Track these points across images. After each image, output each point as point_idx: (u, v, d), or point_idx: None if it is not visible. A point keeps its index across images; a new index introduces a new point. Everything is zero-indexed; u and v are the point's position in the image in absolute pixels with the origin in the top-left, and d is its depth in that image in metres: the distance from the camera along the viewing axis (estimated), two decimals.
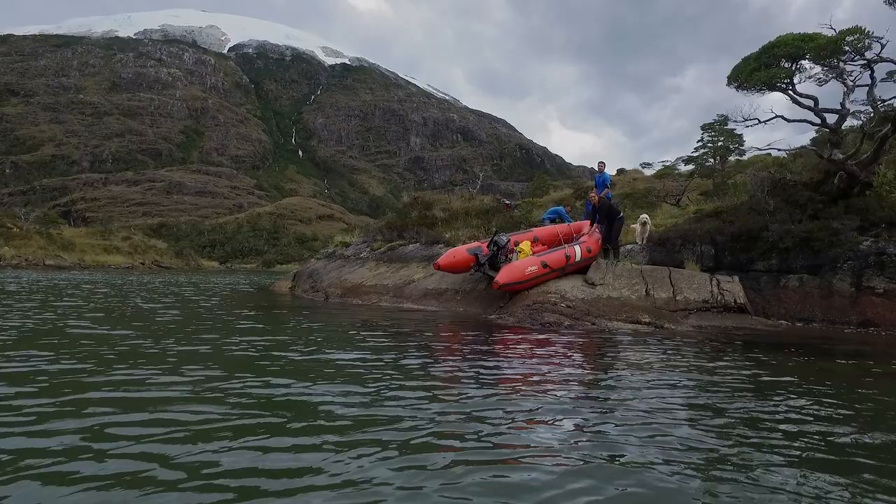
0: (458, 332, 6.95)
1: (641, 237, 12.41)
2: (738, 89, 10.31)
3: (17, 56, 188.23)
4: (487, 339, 6.41)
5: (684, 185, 27.41)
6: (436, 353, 5.36)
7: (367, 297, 12.33)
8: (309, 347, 5.63)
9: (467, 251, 11.23)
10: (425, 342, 6.14)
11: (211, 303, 11.74)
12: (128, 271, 42.79)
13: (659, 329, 7.85)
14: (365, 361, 4.93)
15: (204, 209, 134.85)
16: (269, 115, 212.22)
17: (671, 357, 5.58)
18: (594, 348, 6.02)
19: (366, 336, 6.54)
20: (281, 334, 6.62)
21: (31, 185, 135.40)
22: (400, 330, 7.22)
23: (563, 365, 4.98)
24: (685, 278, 9.85)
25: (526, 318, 8.15)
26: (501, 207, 18.20)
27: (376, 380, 4.17)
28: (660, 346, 6.35)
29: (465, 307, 10.61)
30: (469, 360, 4.94)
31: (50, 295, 12.52)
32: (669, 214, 16.75)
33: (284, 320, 8.40)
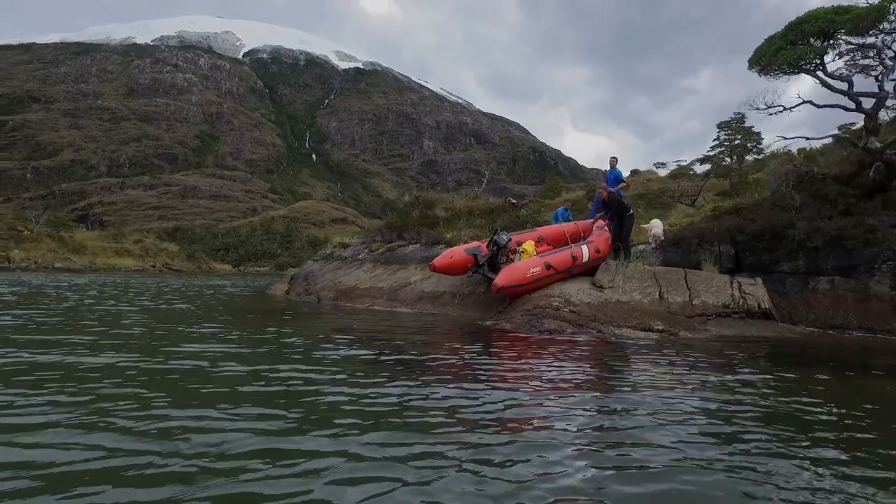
0: (443, 343, 6.13)
1: (655, 241, 11.43)
2: (761, 73, 9.40)
3: (39, 64, 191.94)
4: (474, 351, 5.58)
5: (700, 185, 26.35)
6: (399, 373, 4.56)
7: (361, 301, 11.60)
8: (244, 366, 4.87)
9: (465, 251, 10.45)
10: (397, 355, 5.34)
11: (189, 306, 11.08)
12: (136, 274, 42.67)
13: (673, 337, 6.99)
14: (289, 386, 4.16)
15: (218, 213, 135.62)
16: (283, 120, 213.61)
17: (685, 374, 4.73)
18: (598, 363, 5.18)
19: (329, 347, 5.76)
20: (239, 344, 5.88)
21: (50, 190, 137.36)
22: (375, 338, 6.44)
23: (559, 386, 4.17)
24: (702, 281, 8.95)
25: (525, 324, 7.33)
26: (507, 207, 17.40)
27: (294, 406, 3.40)
28: (673, 358, 5.49)
29: (462, 311, 9.82)
30: (441, 385, 4.13)
31: (21, 299, 11.97)
32: (684, 214, 15.80)
33: (254, 327, 7.68)
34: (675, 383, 4.29)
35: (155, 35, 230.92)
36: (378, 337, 6.54)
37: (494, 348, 5.75)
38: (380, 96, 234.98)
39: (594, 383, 4.25)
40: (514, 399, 3.62)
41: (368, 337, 6.52)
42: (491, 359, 5.10)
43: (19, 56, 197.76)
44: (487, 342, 6.19)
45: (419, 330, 7.40)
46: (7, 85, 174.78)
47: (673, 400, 3.72)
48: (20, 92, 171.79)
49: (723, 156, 33.29)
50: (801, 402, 3.80)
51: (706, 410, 3.51)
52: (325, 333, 6.79)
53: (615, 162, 13.33)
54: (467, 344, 6.01)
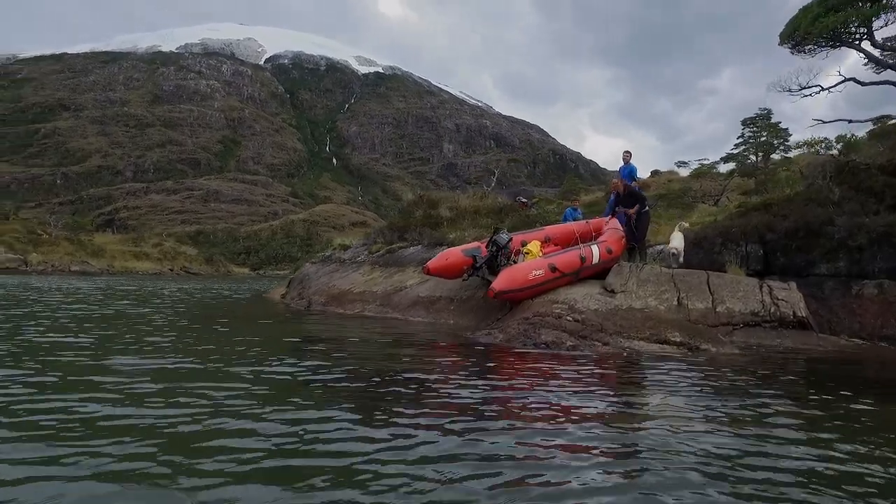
0: (411, 361, 5.18)
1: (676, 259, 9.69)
2: (795, 50, 8.29)
3: (69, 73, 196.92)
4: (442, 373, 4.56)
5: (724, 184, 24.95)
6: (325, 399, 3.66)
7: (352, 306, 10.76)
8: (153, 384, 4.04)
9: (463, 253, 9.54)
10: (342, 376, 4.45)
11: (164, 313, 10.37)
12: (153, 277, 42.69)
13: (693, 351, 5.97)
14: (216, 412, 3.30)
15: (240, 217, 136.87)
16: (303, 124, 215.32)
17: (707, 402, 3.75)
18: (599, 388, 4.19)
19: (276, 362, 4.90)
20: (177, 356, 5.06)
21: (78, 195, 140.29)
22: (339, 350, 5.57)
23: (541, 417, 3.24)
24: (728, 285, 7.89)
25: (519, 335, 6.38)
26: (517, 206, 16.43)
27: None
28: (692, 379, 4.50)
29: (457, 319, 8.91)
30: (365, 425, 3.21)
31: (11, 302, 11.43)
32: (707, 213, 14.64)
33: (214, 337, 6.88)
34: (691, 420, 3.32)
35: (179, 43, 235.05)
36: (344, 349, 5.69)
37: (469, 369, 4.80)
38: (400, 100, 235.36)
39: (588, 420, 3.30)
40: (473, 453, 2.70)
41: (332, 349, 5.67)
42: (454, 385, 4.11)
43: (52, 66, 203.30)
44: (466, 360, 5.26)
45: (395, 342, 6.53)
46: (40, 94, 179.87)
47: (689, 449, 2.77)
48: (52, 100, 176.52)
49: (747, 153, 31.78)
50: (849, 450, 2.81)
51: (730, 462, 2.55)
52: (289, 344, 5.96)
53: (629, 157, 12.26)
54: (441, 361, 5.10)
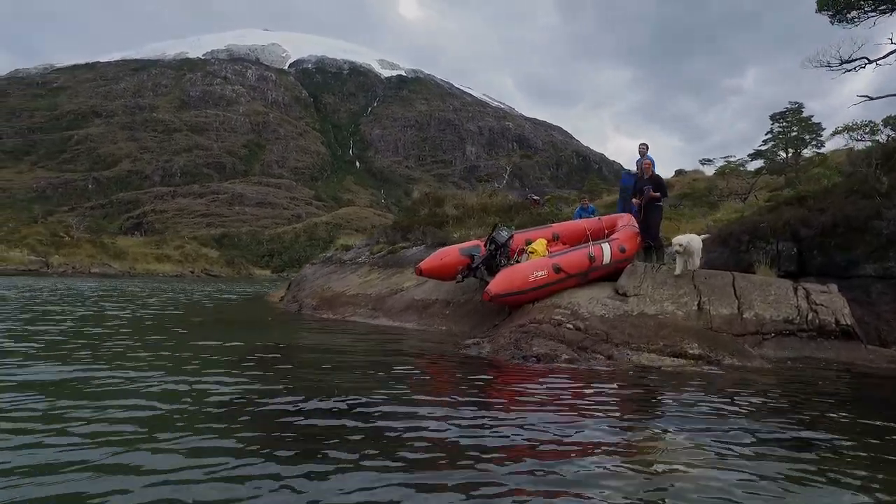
0: (368, 378, 4.37)
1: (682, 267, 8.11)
2: (835, 19, 7.23)
3: (101, 81, 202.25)
4: (402, 398, 3.68)
5: (751, 182, 23.54)
6: (230, 431, 2.87)
7: (343, 310, 10.01)
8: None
9: (460, 252, 8.69)
10: (282, 396, 3.66)
11: (151, 313, 9.76)
12: (173, 279, 42.81)
13: (715, 366, 5.01)
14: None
15: (264, 220, 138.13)
16: (327, 128, 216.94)
17: (732, 438, 2.84)
18: (589, 418, 3.29)
19: (217, 375, 4.14)
20: (113, 365, 4.36)
21: (109, 199, 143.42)
22: (289, 367, 4.77)
23: (506, 465, 2.39)
24: (756, 287, 6.89)
25: (508, 346, 5.51)
26: (528, 203, 15.53)
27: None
28: (711, 404, 3.56)
29: (450, 324, 8.07)
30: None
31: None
32: (733, 210, 13.49)
33: (177, 343, 6.18)
34: (712, 467, 2.42)
35: (206, 49, 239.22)
36: (299, 363, 4.92)
37: (435, 393, 3.93)
38: (422, 103, 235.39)
39: (579, 470, 2.44)
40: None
41: (284, 363, 4.91)
42: (404, 417, 3.21)
43: (85, 74, 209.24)
44: (437, 380, 4.41)
45: (366, 353, 5.75)
46: (74, 102, 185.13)
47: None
48: (85, 108, 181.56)
49: (776, 150, 30.18)
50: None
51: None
52: (240, 355, 5.21)
53: (645, 149, 11.25)
54: (404, 381, 4.25)
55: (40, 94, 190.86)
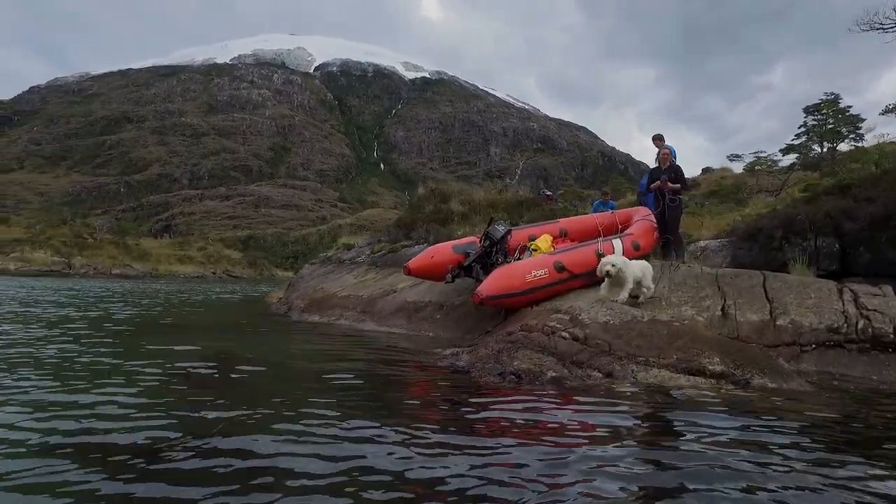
0: (291, 402, 3.51)
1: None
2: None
3: (132, 87, 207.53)
4: (316, 432, 2.78)
5: (783, 178, 21.98)
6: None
7: (331, 312, 9.24)
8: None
9: (454, 249, 7.83)
10: (155, 429, 2.85)
11: (129, 314, 9.14)
12: (193, 280, 42.95)
13: (742, 387, 4.03)
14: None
15: (289, 221, 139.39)
16: (351, 130, 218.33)
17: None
18: (560, 475, 2.37)
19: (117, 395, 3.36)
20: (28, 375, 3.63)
21: (139, 202, 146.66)
22: (170, 391, 3.97)
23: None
24: (792, 289, 5.85)
25: (489, 358, 4.61)
26: (541, 200, 14.57)
27: None
28: (740, 454, 2.59)
29: (439, 330, 7.21)
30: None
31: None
32: (763, 204, 12.29)
33: (126, 349, 5.46)
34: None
35: (233, 54, 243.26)
36: (223, 376, 4.12)
37: (366, 427, 3.03)
38: (446, 105, 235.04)
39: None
40: None
41: (205, 376, 4.12)
42: (303, 457, 2.40)
43: (117, 81, 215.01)
44: (365, 406, 3.48)
45: (323, 362, 4.92)
46: (108, 108, 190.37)
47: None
48: (117, 113, 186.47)
49: (810, 144, 28.39)
50: None
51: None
52: (174, 361, 4.45)
53: (660, 140, 10.21)
54: (336, 407, 3.38)
55: (76, 102, 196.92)
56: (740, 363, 4.32)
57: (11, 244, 42.85)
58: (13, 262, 36.57)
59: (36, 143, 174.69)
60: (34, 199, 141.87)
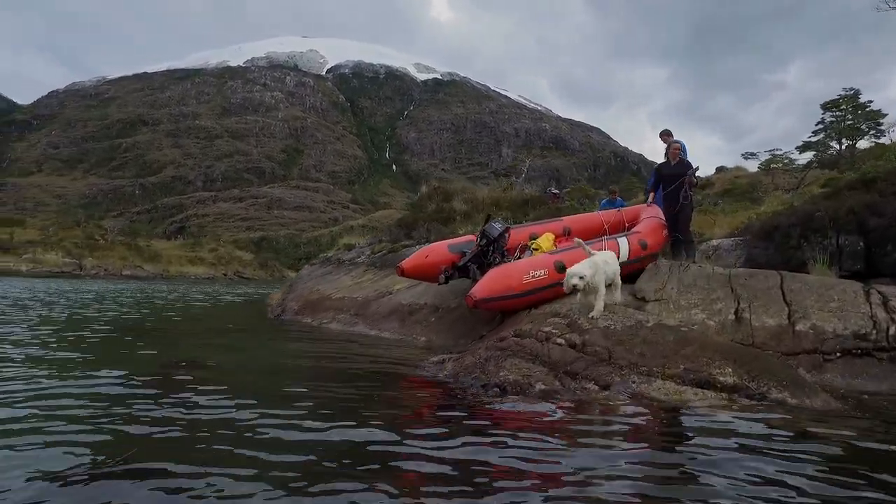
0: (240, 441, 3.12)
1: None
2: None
3: (148, 90, 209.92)
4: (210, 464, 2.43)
5: (800, 176, 21.21)
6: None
7: (324, 315, 8.87)
8: None
9: (449, 248, 7.42)
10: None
11: (111, 316, 8.84)
12: (203, 281, 43.00)
13: (758, 402, 3.56)
14: None
15: (302, 223, 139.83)
16: (363, 132, 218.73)
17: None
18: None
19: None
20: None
21: (154, 204, 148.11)
22: (108, 399, 3.60)
23: None
24: (813, 291, 5.35)
25: (475, 367, 4.19)
26: (547, 198, 14.11)
27: None
28: (758, 489, 2.14)
29: (431, 335, 6.81)
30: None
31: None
32: (780, 201, 11.70)
33: (93, 356, 5.13)
34: None
35: (247, 57, 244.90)
36: (175, 387, 3.74)
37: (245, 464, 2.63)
38: (458, 106, 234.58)
39: None
40: None
41: (155, 386, 3.74)
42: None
43: (133, 84, 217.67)
44: (323, 430, 3.07)
45: (294, 370, 4.53)
46: (123, 111, 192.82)
47: None
48: (133, 116, 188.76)
49: (828, 141, 27.49)
50: None
51: None
52: (131, 371, 4.08)
53: (668, 136, 9.71)
54: (276, 427, 2.99)
55: (93, 105, 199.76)
56: (756, 374, 3.85)
57: (25, 246, 43.20)
58: (25, 264, 36.83)
59: (54, 147, 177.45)
60: (52, 201, 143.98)
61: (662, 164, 7.83)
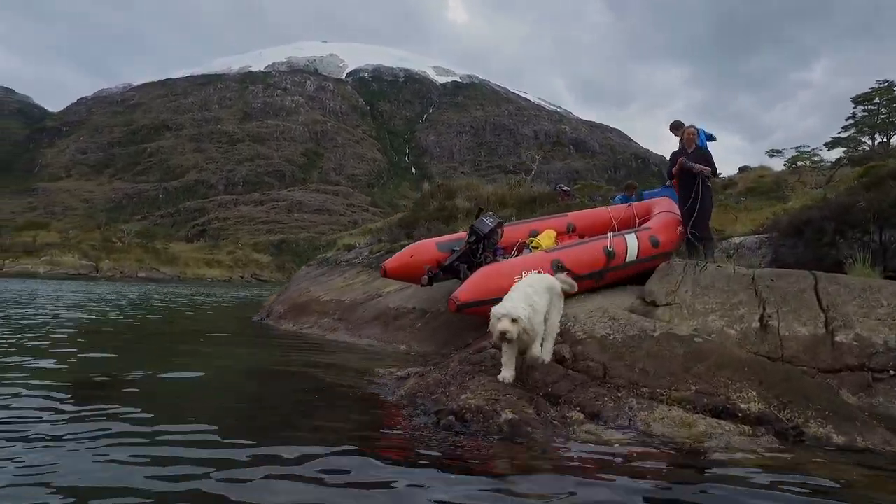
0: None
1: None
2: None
3: (171, 96, 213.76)
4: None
5: (829, 174, 19.90)
6: None
7: (305, 320, 8.21)
8: None
9: (437, 246, 6.71)
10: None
11: (91, 320, 8.31)
12: (218, 284, 42.98)
13: (793, 441, 2.75)
14: None
15: (321, 226, 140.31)
16: (383, 135, 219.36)
17: None
18: None
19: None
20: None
21: (177, 208, 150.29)
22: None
23: None
24: (854, 294, 4.49)
25: (438, 387, 3.44)
26: (557, 195, 13.29)
27: None
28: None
29: (412, 342, 6.09)
30: None
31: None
32: (809, 197, 10.71)
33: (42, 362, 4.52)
34: None
35: (268, 62, 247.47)
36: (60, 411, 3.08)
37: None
38: (477, 108, 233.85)
39: None
40: None
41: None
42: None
43: (157, 91, 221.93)
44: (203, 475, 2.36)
45: (234, 384, 3.84)
46: (148, 117, 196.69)
47: None
48: (157, 122, 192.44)
49: (860, 136, 26.02)
50: None
51: None
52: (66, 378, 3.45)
53: (679, 125, 8.83)
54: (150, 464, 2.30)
55: (119, 112, 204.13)
56: (787, 400, 3.04)
57: (46, 248, 43.75)
58: (43, 266, 37.18)
59: (82, 152, 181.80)
60: (80, 205, 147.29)
61: (677, 151, 6.98)
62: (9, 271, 36.47)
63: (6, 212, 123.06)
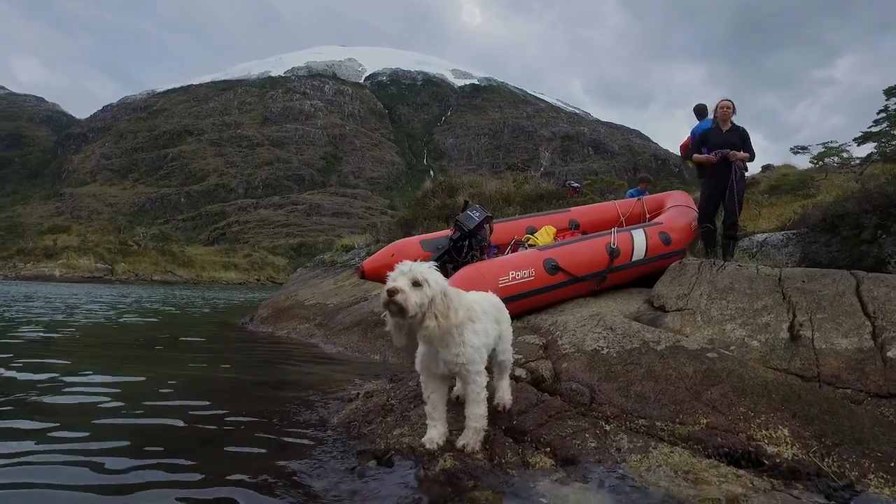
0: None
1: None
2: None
3: (193, 102, 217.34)
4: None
5: (859, 170, 18.61)
6: None
7: (285, 325, 7.59)
8: None
9: (422, 245, 6.02)
10: None
11: (74, 325, 7.80)
12: (233, 287, 42.91)
13: (830, 498, 2.00)
14: None
15: (340, 229, 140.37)
16: (401, 138, 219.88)
17: None
18: None
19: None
20: None
21: (198, 212, 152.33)
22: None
23: None
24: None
25: (375, 415, 2.75)
26: (566, 192, 12.53)
27: None
28: None
29: (389, 352, 5.40)
30: None
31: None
32: (842, 189, 9.75)
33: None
34: None
35: (287, 67, 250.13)
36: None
37: None
38: (495, 111, 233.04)
39: None
40: None
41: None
42: None
43: (180, 97, 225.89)
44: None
45: (149, 404, 3.19)
46: (170, 122, 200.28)
47: None
48: (179, 127, 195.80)
49: (893, 130, 24.52)
50: None
51: None
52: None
53: (703, 108, 8.03)
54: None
55: (142, 118, 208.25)
56: (833, 441, 2.28)
57: (65, 251, 44.19)
58: (59, 269, 37.46)
59: (107, 158, 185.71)
60: (104, 210, 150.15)
61: (710, 129, 5.99)
62: (26, 274, 36.83)
63: (35, 216, 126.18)
